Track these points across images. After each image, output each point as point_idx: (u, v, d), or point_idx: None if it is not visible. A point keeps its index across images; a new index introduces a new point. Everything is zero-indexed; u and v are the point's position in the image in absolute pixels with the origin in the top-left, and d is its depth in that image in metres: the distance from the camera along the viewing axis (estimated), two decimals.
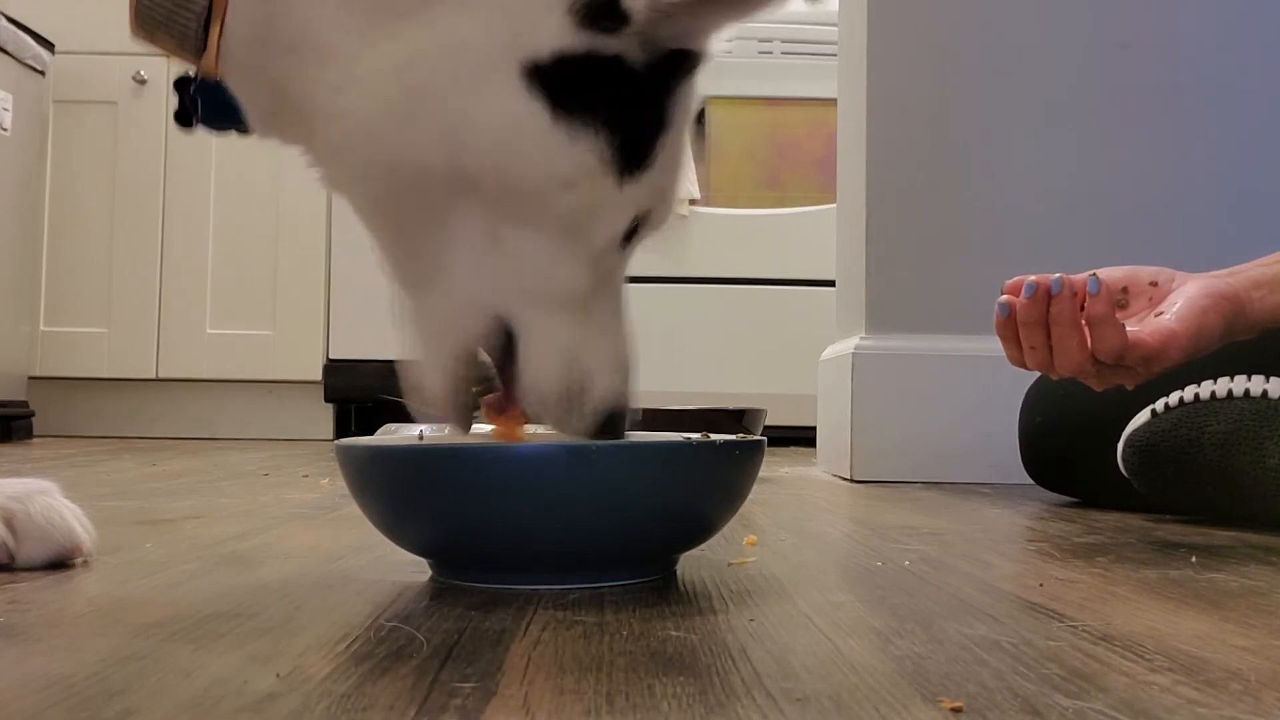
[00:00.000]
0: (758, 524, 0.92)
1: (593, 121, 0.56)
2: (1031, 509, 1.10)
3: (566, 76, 0.55)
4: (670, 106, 0.59)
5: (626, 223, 0.59)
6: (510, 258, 0.58)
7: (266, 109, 0.60)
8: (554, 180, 0.56)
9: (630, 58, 0.56)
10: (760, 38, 2.65)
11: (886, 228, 1.52)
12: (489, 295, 0.59)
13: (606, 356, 0.61)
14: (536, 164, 0.56)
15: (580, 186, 0.57)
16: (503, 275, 0.58)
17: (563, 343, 0.60)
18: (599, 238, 0.59)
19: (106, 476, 1.38)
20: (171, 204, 2.68)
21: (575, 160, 0.56)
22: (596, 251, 0.59)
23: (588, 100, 0.56)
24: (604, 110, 0.56)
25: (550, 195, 0.57)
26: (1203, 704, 0.38)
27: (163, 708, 0.37)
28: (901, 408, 1.45)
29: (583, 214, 0.58)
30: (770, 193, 2.64)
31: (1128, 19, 1.53)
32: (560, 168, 0.56)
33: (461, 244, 0.58)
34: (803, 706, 0.37)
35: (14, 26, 2.39)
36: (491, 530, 0.59)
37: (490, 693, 0.39)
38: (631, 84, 0.57)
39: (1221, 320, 0.84)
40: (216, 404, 2.69)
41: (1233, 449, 0.92)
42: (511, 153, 0.56)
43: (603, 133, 0.56)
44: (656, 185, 0.59)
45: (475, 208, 0.57)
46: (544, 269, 0.58)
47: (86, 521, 0.66)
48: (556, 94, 0.55)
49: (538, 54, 0.55)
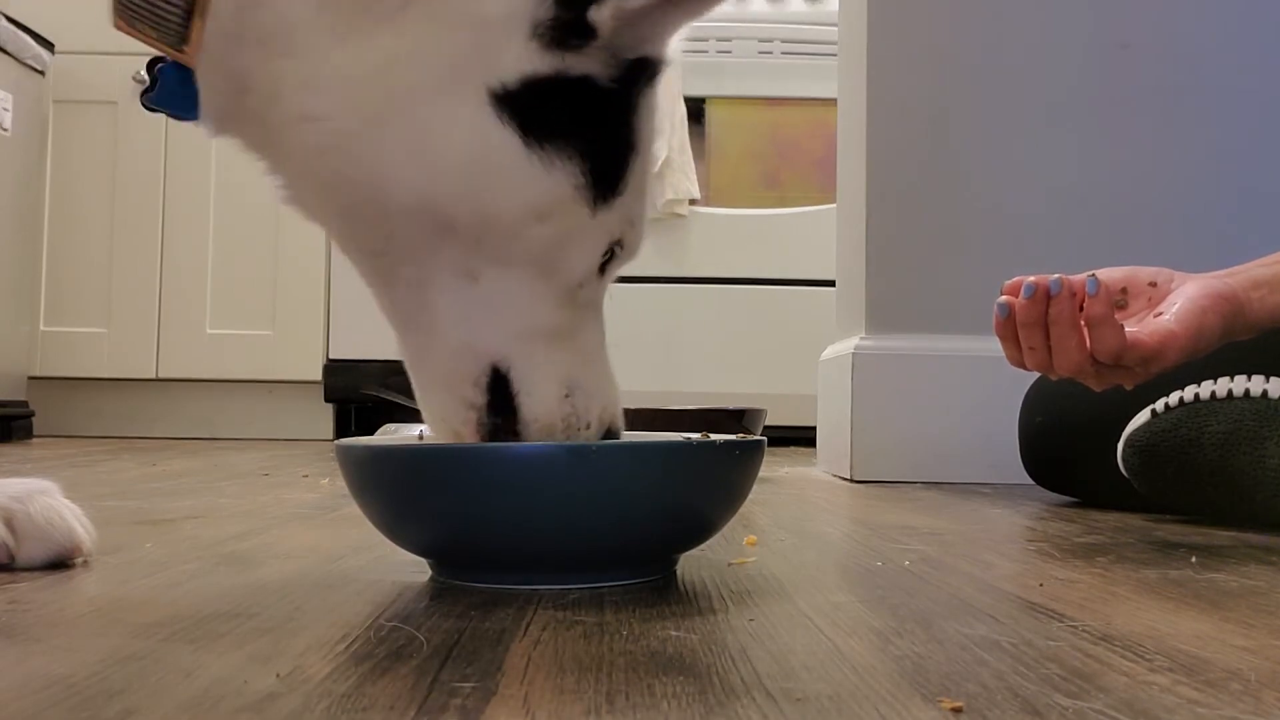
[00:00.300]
0: (758, 524, 0.92)
1: (565, 147, 0.55)
2: (1031, 509, 1.10)
3: (536, 102, 0.54)
4: (637, 125, 0.58)
5: (601, 252, 0.59)
6: (491, 296, 0.57)
7: (226, 105, 0.57)
8: (529, 211, 0.55)
9: (598, 76, 0.55)
10: (760, 38, 2.65)
11: (886, 228, 1.52)
12: (477, 338, 0.58)
13: (599, 382, 0.61)
14: (510, 194, 0.55)
15: (555, 217, 0.56)
16: (487, 316, 0.57)
17: (556, 374, 0.59)
18: (576, 269, 0.58)
19: (106, 476, 1.38)
20: (171, 204, 2.68)
21: (550, 189, 0.55)
22: (574, 283, 0.58)
23: (559, 125, 0.55)
24: (576, 135, 0.55)
25: (525, 227, 0.56)
26: (1203, 704, 0.38)
27: (163, 708, 0.37)
28: (901, 408, 1.45)
29: (558, 245, 0.57)
30: (770, 193, 2.64)
31: (1128, 19, 1.53)
32: (534, 198, 0.55)
33: (440, 283, 0.57)
34: (802, 706, 0.37)
35: (14, 26, 2.39)
36: (491, 530, 0.59)
37: (490, 692, 0.39)
38: (601, 104, 0.56)
39: (1220, 320, 0.84)
40: (216, 404, 2.69)
41: (1233, 449, 0.92)
42: (483, 183, 0.54)
43: (575, 159, 0.55)
44: (627, 212, 0.59)
45: (449, 243, 0.56)
46: (526, 306, 0.57)
47: (86, 521, 0.66)
48: (527, 121, 0.54)
49: (505, 80, 0.53)
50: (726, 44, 2.63)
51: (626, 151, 0.58)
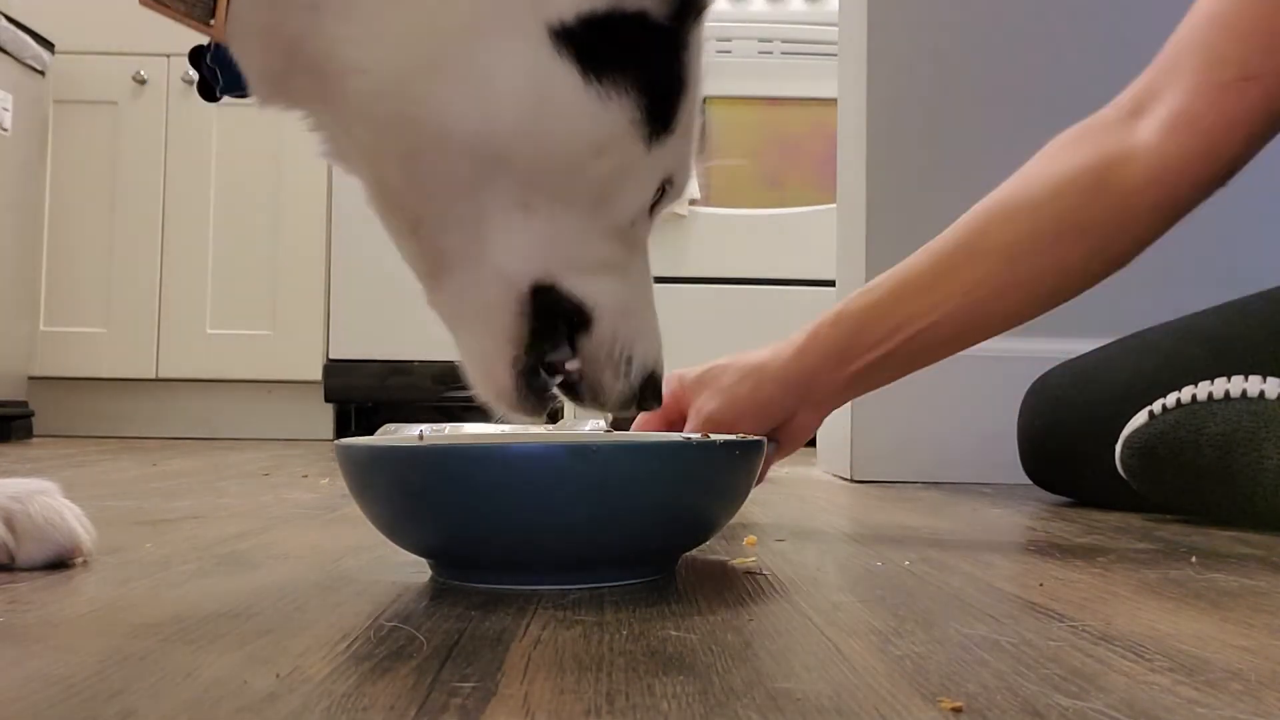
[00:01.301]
0: (758, 524, 0.92)
1: (622, 83, 0.55)
2: (1031, 509, 1.10)
3: (593, 38, 0.54)
4: (688, 63, 0.59)
5: (654, 189, 0.60)
6: (546, 226, 0.57)
7: (275, 71, 0.57)
8: (587, 146, 0.56)
9: (652, 12, 0.56)
10: (760, 38, 2.65)
11: (886, 228, 1.52)
12: (527, 265, 0.58)
13: (646, 323, 0.62)
14: (569, 129, 0.55)
15: (611, 152, 0.56)
16: (541, 245, 0.58)
17: (606, 302, 0.60)
18: (630, 205, 0.59)
19: (106, 476, 1.38)
20: (171, 204, 2.68)
21: (607, 125, 0.56)
22: (626, 219, 0.59)
23: (616, 61, 0.55)
24: (632, 70, 0.56)
25: (582, 161, 0.56)
26: (1203, 704, 0.38)
27: (162, 708, 0.37)
28: (901, 408, 1.45)
29: (614, 181, 0.58)
30: (770, 193, 2.64)
31: (1128, 19, 1.52)
32: (592, 132, 0.56)
33: (493, 216, 0.57)
34: (802, 706, 0.37)
35: (14, 26, 2.39)
36: (491, 530, 0.59)
37: (490, 692, 0.39)
38: (655, 40, 0.56)
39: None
40: (216, 404, 2.69)
41: (1231, 450, 0.92)
42: (542, 118, 0.55)
43: (631, 94, 0.56)
44: (680, 150, 0.59)
45: (505, 178, 0.56)
46: (580, 238, 0.58)
47: (86, 521, 0.66)
48: (585, 57, 0.54)
49: (563, 17, 0.54)
50: (726, 44, 2.63)
51: (679, 88, 0.58)
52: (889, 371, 0.92)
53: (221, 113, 2.68)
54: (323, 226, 2.67)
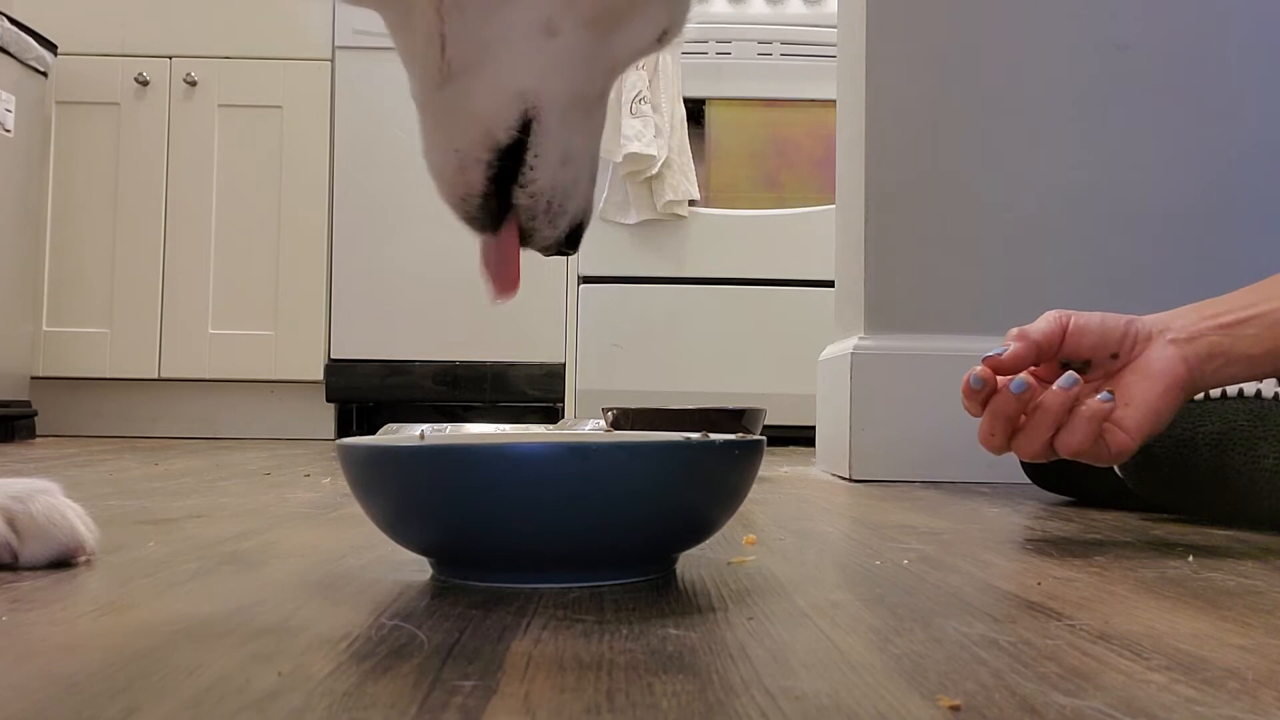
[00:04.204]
0: (758, 523, 0.92)
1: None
2: (1030, 508, 1.11)
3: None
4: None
5: (657, 32, 0.62)
6: (559, 49, 0.59)
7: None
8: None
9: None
10: (760, 39, 2.65)
11: (885, 228, 1.52)
12: (529, 85, 0.60)
13: (589, 168, 0.63)
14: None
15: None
16: (548, 67, 0.59)
17: (568, 146, 0.61)
18: (634, 42, 0.61)
19: (108, 476, 1.38)
20: (173, 205, 2.69)
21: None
22: (628, 56, 0.62)
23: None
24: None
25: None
26: (1200, 702, 0.38)
27: (165, 706, 0.37)
28: (900, 408, 1.46)
29: (635, 10, 0.60)
30: (770, 193, 2.64)
31: (1127, 19, 1.53)
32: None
33: (517, 29, 0.59)
34: (801, 705, 0.38)
35: (16, 28, 2.39)
36: (492, 529, 0.59)
37: (491, 691, 0.39)
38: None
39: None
40: (218, 404, 2.69)
41: (1227, 449, 0.92)
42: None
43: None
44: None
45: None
46: (582, 66, 0.60)
47: (89, 521, 0.66)
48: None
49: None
50: (726, 45, 2.63)
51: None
52: (1254, 330, 0.85)
53: (223, 114, 2.68)
54: (324, 227, 2.67)
